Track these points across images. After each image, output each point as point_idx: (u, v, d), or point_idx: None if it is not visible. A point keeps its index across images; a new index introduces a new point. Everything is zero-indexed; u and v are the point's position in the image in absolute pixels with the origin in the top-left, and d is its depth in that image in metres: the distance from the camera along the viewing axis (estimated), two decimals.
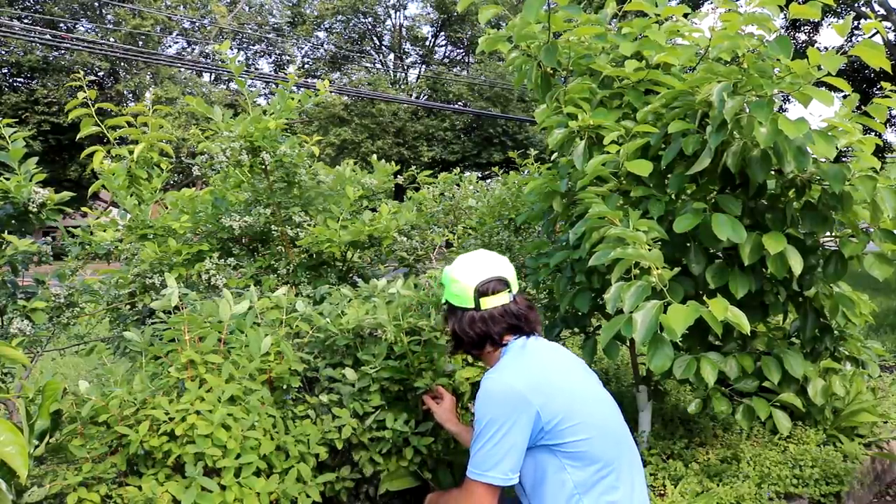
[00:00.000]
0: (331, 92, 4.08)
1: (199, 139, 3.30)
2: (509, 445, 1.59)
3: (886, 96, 2.50)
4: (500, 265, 1.84)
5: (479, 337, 1.78)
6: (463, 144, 28.41)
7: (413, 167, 4.79)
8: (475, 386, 2.32)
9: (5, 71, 24.13)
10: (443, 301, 1.90)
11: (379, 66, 32.34)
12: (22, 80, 24.43)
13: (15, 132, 2.71)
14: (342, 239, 3.20)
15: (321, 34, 32.19)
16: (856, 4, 15.12)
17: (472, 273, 1.79)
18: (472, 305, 1.78)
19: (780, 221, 2.56)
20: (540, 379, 1.65)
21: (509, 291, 1.81)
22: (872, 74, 17.35)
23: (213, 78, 28.78)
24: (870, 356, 3.09)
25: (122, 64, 24.74)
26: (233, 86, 27.04)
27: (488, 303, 1.77)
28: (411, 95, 30.24)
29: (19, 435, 1.46)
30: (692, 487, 2.63)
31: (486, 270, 1.80)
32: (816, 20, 12.84)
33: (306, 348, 2.44)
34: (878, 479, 3.14)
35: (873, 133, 2.75)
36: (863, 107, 2.54)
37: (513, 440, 1.59)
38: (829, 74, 2.20)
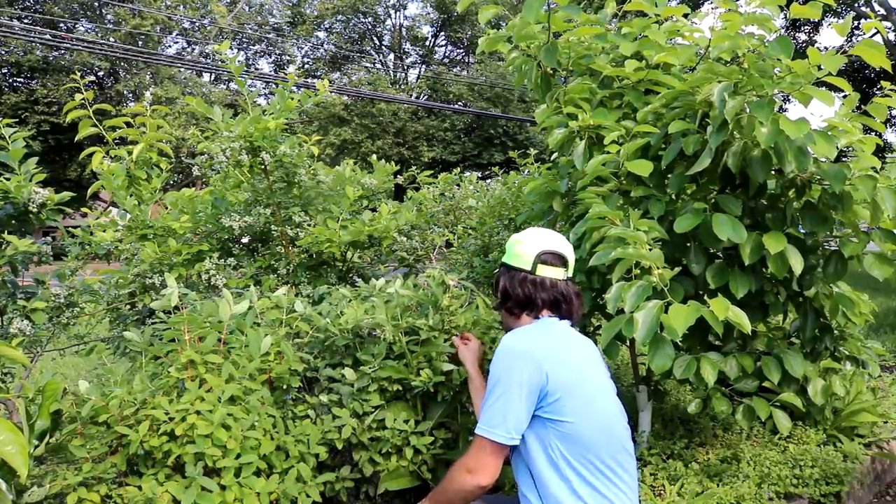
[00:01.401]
0: (331, 92, 4.08)
1: (198, 139, 3.31)
2: (516, 401, 1.66)
3: (886, 95, 2.49)
4: (564, 245, 1.94)
5: (525, 298, 1.86)
6: (463, 145, 28.39)
7: (413, 167, 4.79)
8: None
9: (5, 71, 24.11)
10: (499, 267, 2.00)
11: (379, 66, 32.34)
12: (22, 80, 24.40)
13: (15, 132, 2.71)
14: (342, 239, 3.20)
15: (321, 34, 32.19)
16: (856, 4, 15.12)
17: (537, 241, 1.90)
18: (529, 269, 1.87)
19: (781, 221, 2.56)
20: (555, 350, 1.74)
21: (565, 271, 1.91)
22: (872, 74, 17.36)
23: (213, 78, 28.76)
24: (870, 356, 3.08)
25: (122, 64, 24.73)
26: (233, 86, 27.04)
27: (543, 271, 1.87)
28: (411, 95, 30.23)
29: (19, 435, 1.46)
30: (692, 487, 2.63)
31: (551, 244, 1.90)
32: (816, 20, 12.84)
33: (306, 348, 2.44)
34: (878, 479, 3.14)
35: (873, 133, 2.75)
36: (863, 106, 2.54)
37: (520, 396, 1.66)
38: (829, 74, 2.20)
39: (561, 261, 1.90)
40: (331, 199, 3.52)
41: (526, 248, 1.90)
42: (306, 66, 31.45)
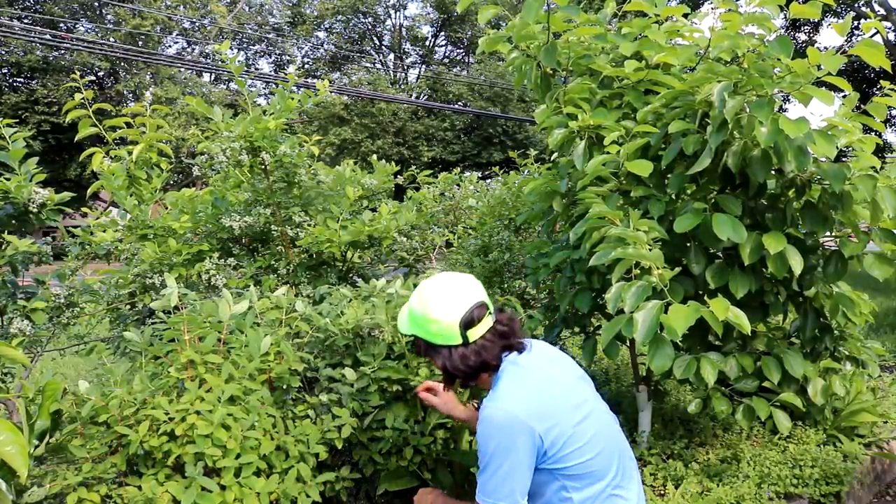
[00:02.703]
0: (331, 92, 4.08)
1: (199, 139, 3.31)
2: (517, 473, 1.56)
3: (886, 95, 2.49)
4: (472, 287, 1.68)
5: (476, 368, 1.66)
6: (463, 144, 28.40)
7: (413, 167, 4.79)
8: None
9: (5, 71, 24.11)
10: (408, 333, 1.74)
11: (379, 66, 32.34)
12: (22, 80, 24.40)
13: (15, 132, 2.71)
14: (342, 239, 3.20)
15: (321, 34, 32.20)
16: (856, 4, 15.12)
17: (450, 308, 1.63)
18: (460, 341, 1.63)
19: (781, 221, 2.56)
20: (539, 402, 1.60)
21: (490, 312, 1.69)
22: (872, 74, 17.36)
23: (213, 78, 28.76)
24: (870, 356, 3.09)
25: (122, 64, 24.73)
26: (233, 86, 27.03)
27: (476, 333, 1.64)
28: (411, 95, 30.23)
29: (19, 435, 1.46)
30: (692, 487, 2.63)
31: (463, 300, 1.64)
32: (816, 20, 12.84)
33: (306, 348, 2.44)
34: (878, 479, 3.14)
35: (873, 133, 2.75)
36: (862, 106, 2.54)
37: (520, 467, 1.56)
38: (829, 74, 2.20)
39: (483, 307, 1.66)
40: (331, 199, 3.52)
41: (445, 324, 1.63)
42: (306, 66, 31.46)
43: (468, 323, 1.63)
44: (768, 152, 2.37)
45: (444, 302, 1.64)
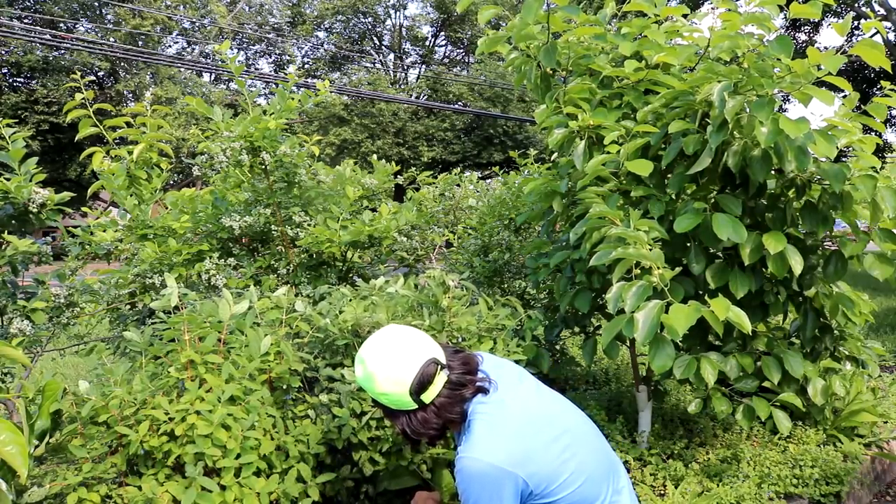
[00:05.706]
0: (331, 92, 4.08)
1: (199, 139, 3.31)
2: None
3: (886, 95, 2.49)
4: (417, 345, 1.58)
5: (439, 429, 1.60)
6: (463, 144, 28.38)
7: (413, 167, 4.80)
8: None
9: (5, 71, 24.11)
10: (369, 396, 1.67)
11: (379, 66, 32.33)
12: (22, 80, 24.40)
13: (15, 132, 2.71)
14: (342, 239, 3.20)
15: (321, 34, 32.20)
16: (856, 4, 15.11)
17: (396, 376, 1.54)
18: (415, 406, 1.56)
19: (781, 221, 2.56)
20: (520, 446, 1.52)
21: (441, 367, 1.58)
22: (872, 74, 17.36)
23: (213, 78, 28.78)
24: (870, 356, 3.09)
25: (122, 64, 24.73)
26: (233, 86, 27.04)
27: (431, 394, 1.56)
28: (411, 95, 30.22)
29: (19, 435, 1.46)
30: (692, 487, 2.63)
31: (410, 363, 1.55)
32: (816, 20, 12.84)
33: (306, 348, 2.44)
34: (878, 479, 3.14)
35: (873, 133, 2.75)
36: (863, 106, 2.54)
37: None
38: (829, 74, 2.20)
39: (432, 364, 1.56)
40: (331, 199, 3.52)
41: (395, 395, 1.55)
42: (306, 66, 31.46)
43: (419, 388, 1.54)
44: (768, 152, 2.37)
45: (389, 371, 1.55)
